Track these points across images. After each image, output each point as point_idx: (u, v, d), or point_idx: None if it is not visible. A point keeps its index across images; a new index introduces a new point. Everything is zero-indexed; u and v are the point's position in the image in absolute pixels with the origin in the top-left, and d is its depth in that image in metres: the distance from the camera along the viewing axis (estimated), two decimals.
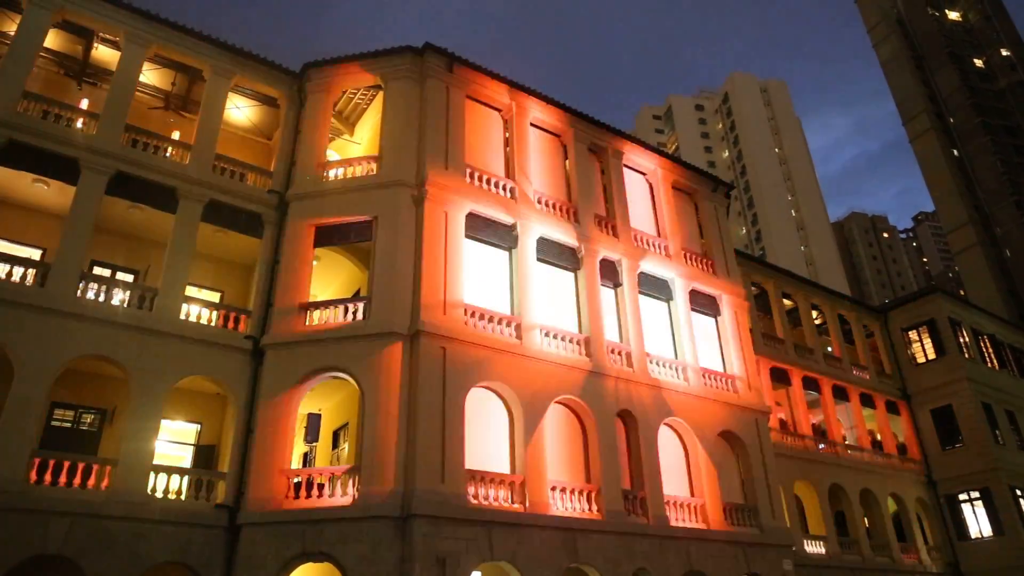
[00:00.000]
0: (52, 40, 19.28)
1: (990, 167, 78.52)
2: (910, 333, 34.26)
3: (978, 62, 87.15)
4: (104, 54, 19.86)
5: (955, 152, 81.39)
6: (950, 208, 79.75)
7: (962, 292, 75.52)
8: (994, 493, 29.77)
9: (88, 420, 17.18)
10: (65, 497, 14.15)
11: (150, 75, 20.48)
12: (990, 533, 29.63)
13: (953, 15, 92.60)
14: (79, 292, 15.84)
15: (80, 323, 15.46)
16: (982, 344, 35.06)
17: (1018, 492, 30.26)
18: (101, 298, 16.11)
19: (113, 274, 18.30)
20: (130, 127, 18.17)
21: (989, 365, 34.51)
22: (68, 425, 16.93)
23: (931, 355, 33.26)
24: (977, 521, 30.17)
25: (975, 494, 30.34)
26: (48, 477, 14.21)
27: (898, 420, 32.83)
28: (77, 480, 14.44)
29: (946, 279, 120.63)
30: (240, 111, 21.91)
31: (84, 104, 19.25)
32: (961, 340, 33.47)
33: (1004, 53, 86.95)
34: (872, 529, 28.19)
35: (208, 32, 19.92)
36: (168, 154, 18.51)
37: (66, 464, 14.49)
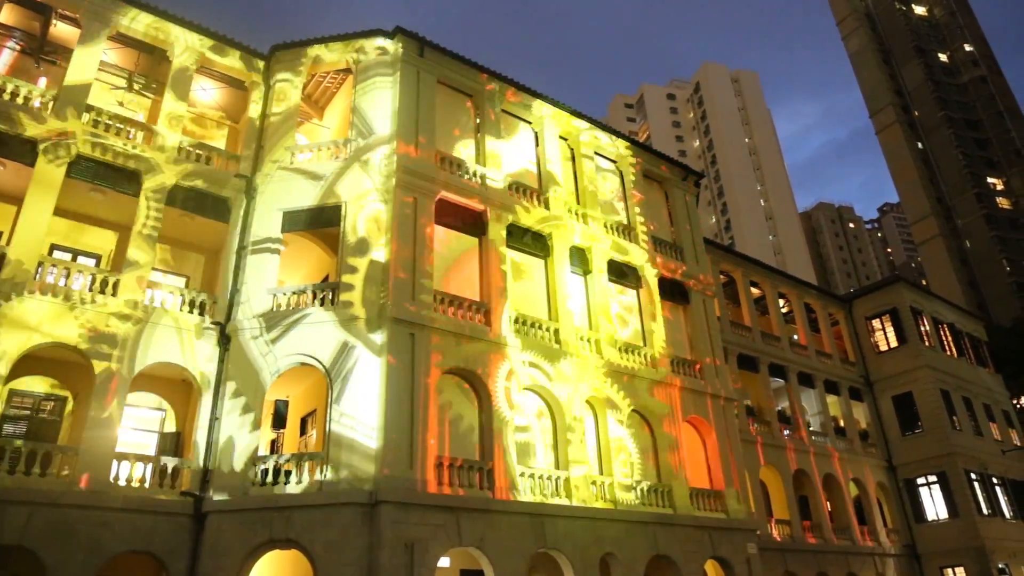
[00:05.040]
0: (7, 15, 18.65)
1: (952, 160, 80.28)
2: (873, 322, 34.99)
3: (943, 56, 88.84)
4: (63, 31, 19.25)
5: (919, 145, 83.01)
6: (914, 200, 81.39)
7: (924, 282, 77.34)
8: (950, 477, 30.64)
9: (48, 407, 16.79)
10: (23, 486, 13.81)
11: (112, 54, 19.94)
12: (946, 516, 30.52)
13: (919, 10, 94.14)
14: (38, 276, 15.43)
15: (39, 308, 15.07)
16: (942, 333, 35.93)
17: (972, 476, 31.18)
18: (61, 283, 15.71)
19: (74, 258, 17.86)
20: (91, 107, 17.70)
21: (948, 353, 35.39)
22: (27, 412, 16.52)
23: (893, 343, 34.03)
24: (934, 504, 31.04)
25: (932, 478, 31.19)
26: (5, 466, 13.85)
27: (861, 407, 33.59)
28: (36, 469, 14.10)
29: (909, 269, 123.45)
30: (206, 93, 21.45)
31: (42, 83, 18.68)
32: (922, 329, 34.27)
33: (967, 48, 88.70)
34: (834, 512, 28.85)
35: (173, 10, 19.44)
36: (131, 136, 18.07)
37: (24, 452, 14.15)
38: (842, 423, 32.02)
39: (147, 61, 20.45)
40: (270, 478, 15.39)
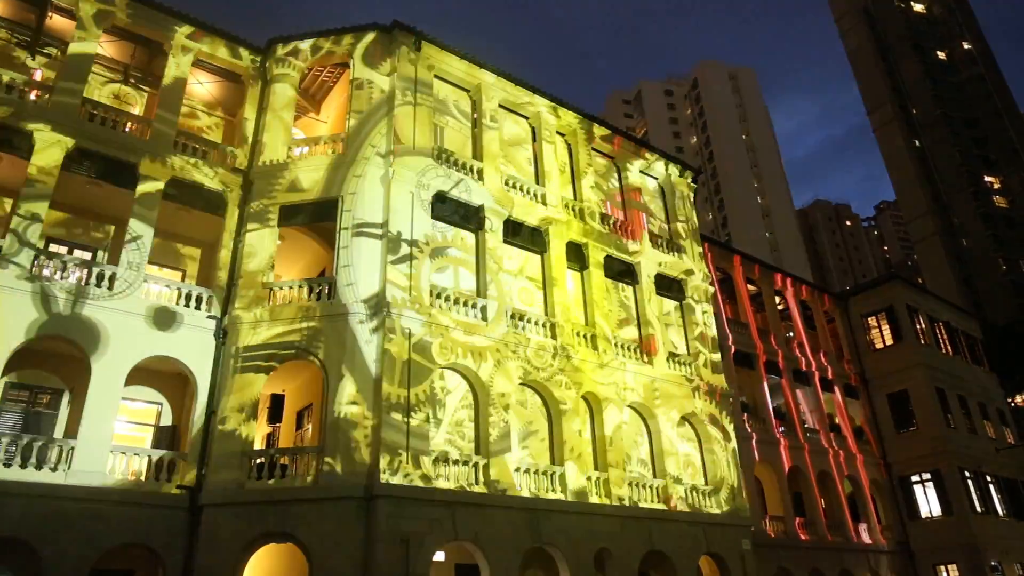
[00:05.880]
0: (2, 7, 18.55)
1: (949, 158, 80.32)
2: (869, 319, 35.02)
3: (941, 54, 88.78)
4: (59, 23, 19.15)
5: (917, 142, 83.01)
6: (911, 198, 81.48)
7: (920, 280, 77.53)
8: (944, 475, 30.73)
9: (45, 400, 16.77)
10: (19, 478, 13.82)
11: (108, 47, 19.86)
12: (939, 513, 30.64)
13: (918, 7, 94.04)
14: (33, 269, 15.39)
15: (35, 301, 15.03)
16: (937, 331, 36.00)
17: (966, 474, 31.30)
18: (58, 276, 15.68)
19: (70, 251, 17.82)
20: (87, 100, 17.63)
21: (943, 351, 35.47)
22: (23, 405, 16.50)
23: (889, 341, 34.06)
24: (927, 501, 31.15)
25: (926, 476, 31.28)
26: (1, 458, 13.85)
27: (856, 404, 33.67)
28: (32, 461, 14.11)
29: (906, 267, 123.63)
30: (202, 86, 21.38)
31: (38, 75, 18.60)
32: (918, 327, 34.33)
33: (965, 46, 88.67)
34: (828, 509, 28.96)
35: (169, 3, 19.36)
36: (128, 129, 18.00)
37: (20, 445, 14.15)
38: (837, 420, 32.10)
39: (143, 54, 20.38)
40: (266, 472, 15.42)
